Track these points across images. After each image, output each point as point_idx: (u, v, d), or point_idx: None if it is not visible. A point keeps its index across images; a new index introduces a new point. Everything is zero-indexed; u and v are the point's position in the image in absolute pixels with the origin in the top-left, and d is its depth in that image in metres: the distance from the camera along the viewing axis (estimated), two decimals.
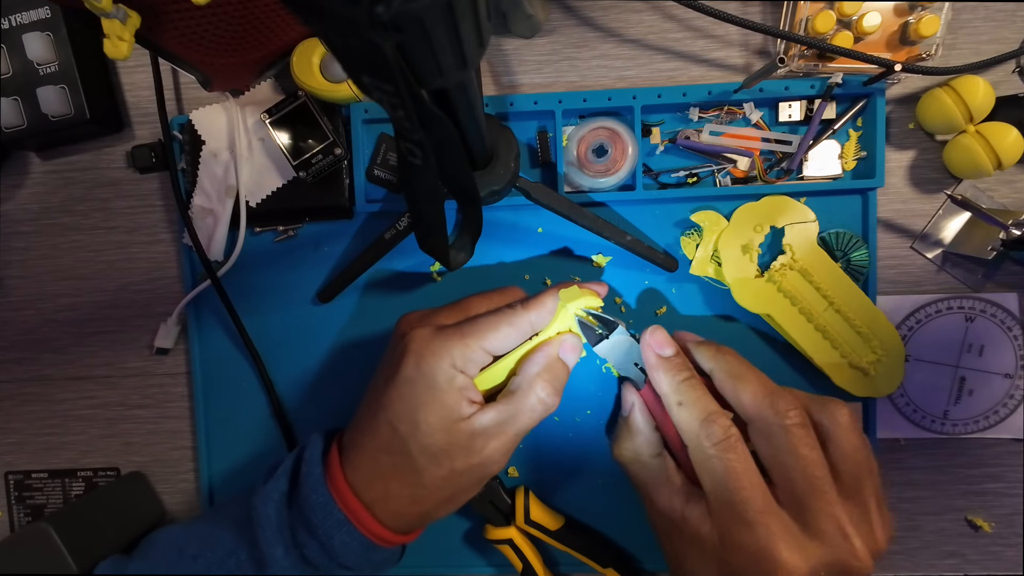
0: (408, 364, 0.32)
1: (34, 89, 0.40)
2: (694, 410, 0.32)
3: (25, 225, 0.46)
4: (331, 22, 0.17)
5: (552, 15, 0.42)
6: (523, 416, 0.33)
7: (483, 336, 0.32)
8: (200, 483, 0.45)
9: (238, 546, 0.33)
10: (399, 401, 0.32)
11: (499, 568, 0.44)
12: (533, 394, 0.33)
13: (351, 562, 0.33)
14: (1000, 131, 0.38)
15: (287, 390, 0.45)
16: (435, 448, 0.32)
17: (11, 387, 0.47)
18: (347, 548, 0.32)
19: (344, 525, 0.32)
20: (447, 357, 0.32)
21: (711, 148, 0.41)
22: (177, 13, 0.33)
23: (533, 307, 0.34)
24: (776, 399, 0.31)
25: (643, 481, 0.35)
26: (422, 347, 0.32)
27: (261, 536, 0.32)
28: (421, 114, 0.23)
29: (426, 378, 0.32)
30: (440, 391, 0.32)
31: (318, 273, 0.44)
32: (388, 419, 0.32)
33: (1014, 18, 0.41)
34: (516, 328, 0.33)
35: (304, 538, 0.32)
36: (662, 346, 0.35)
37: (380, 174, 0.42)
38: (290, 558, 0.32)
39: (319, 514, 0.32)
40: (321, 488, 0.32)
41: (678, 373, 0.34)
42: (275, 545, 0.32)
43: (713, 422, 0.31)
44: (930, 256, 0.43)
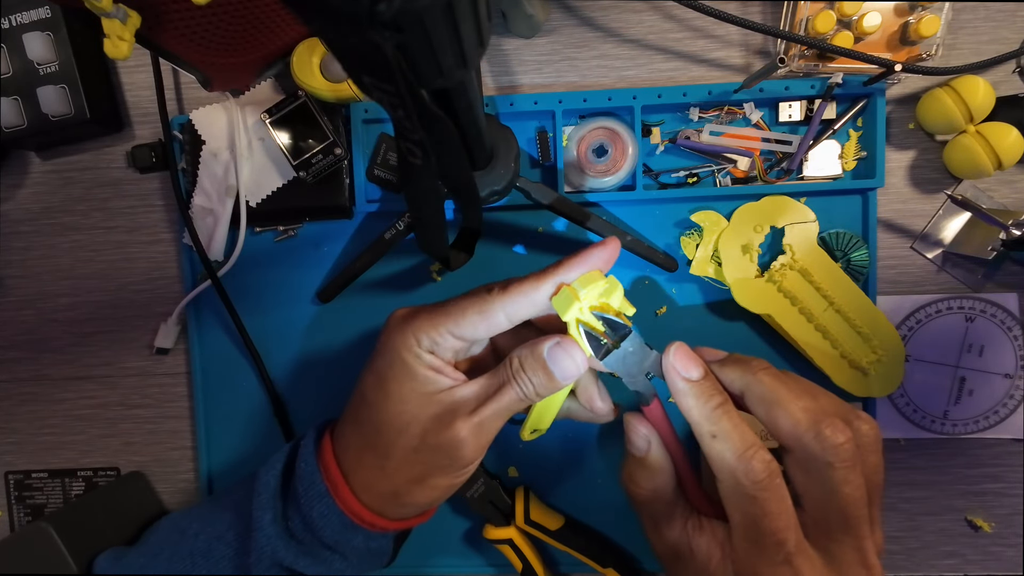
0: (380, 340, 0.33)
1: (34, 89, 0.40)
2: (730, 443, 0.29)
3: (25, 225, 0.46)
4: (331, 22, 0.17)
5: (552, 15, 0.42)
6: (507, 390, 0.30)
7: (447, 318, 0.30)
8: (200, 483, 0.45)
9: (238, 519, 0.34)
10: (370, 373, 0.33)
11: (499, 568, 0.44)
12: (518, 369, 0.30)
13: (329, 538, 0.32)
14: (1000, 131, 0.38)
15: (287, 390, 0.45)
16: (405, 417, 0.31)
17: (11, 387, 0.47)
18: (325, 521, 0.32)
19: (324, 497, 0.32)
20: (411, 336, 0.31)
21: (711, 148, 0.41)
22: (177, 13, 0.33)
23: (510, 293, 0.30)
24: (820, 430, 0.28)
25: (654, 515, 0.32)
26: (392, 324, 0.33)
27: (255, 501, 0.33)
28: (421, 114, 0.23)
29: (394, 351, 0.31)
30: (408, 365, 0.31)
31: (318, 273, 0.44)
32: (361, 390, 0.33)
33: (1014, 18, 0.41)
34: (485, 316, 0.30)
35: (291, 510, 0.33)
36: (688, 367, 0.30)
37: (380, 174, 0.42)
38: (276, 527, 0.33)
39: (305, 483, 0.33)
40: (311, 459, 0.33)
41: (709, 400, 0.30)
42: (265, 510, 0.33)
43: (752, 458, 0.28)
44: (930, 256, 0.43)
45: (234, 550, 0.34)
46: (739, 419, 0.30)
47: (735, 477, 0.28)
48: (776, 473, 0.28)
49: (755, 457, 0.28)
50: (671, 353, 0.31)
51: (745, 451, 0.28)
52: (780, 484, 0.28)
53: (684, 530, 0.31)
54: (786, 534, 0.28)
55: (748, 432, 0.29)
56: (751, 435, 0.29)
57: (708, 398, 0.30)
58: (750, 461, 0.28)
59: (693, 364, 0.30)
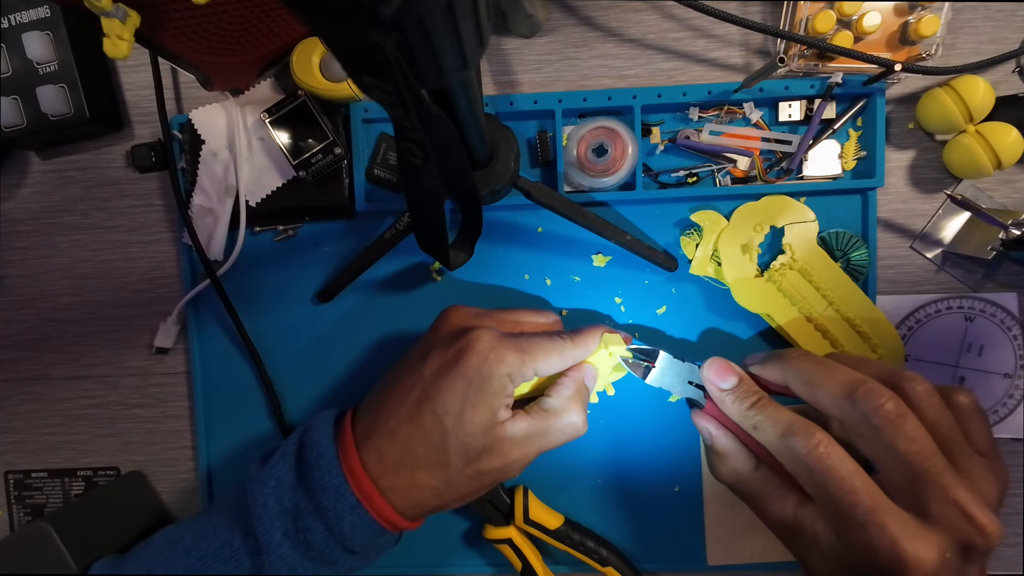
0: (471, 362, 0.32)
1: (34, 88, 0.40)
2: (771, 428, 0.31)
3: (25, 224, 0.46)
4: (332, 21, 0.17)
5: (552, 15, 0.42)
6: (553, 433, 0.34)
7: (537, 358, 0.34)
8: (200, 482, 0.45)
9: (232, 536, 0.33)
10: (451, 394, 0.32)
11: (499, 568, 0.44)
12: (567, 417, 0.35)
13: (357, 546, 0.33)
14: (1000, 131, 0.38)
15: (286, 390, 0.45)
16: (472, 447, 0.32)
17: (11, 386, 0.47)
18: (356, 532, 0.32)
19: (356, 508, 0.32)
20: (506, 366, 0.33)
21: (711, 148, 0.41)
22: (177, 12, 0.33)
23: (580, 343, 0.35)
24: (857, 396, 0.29)
25: (750, 495, 0.34)
26: (488, 350, 0.33)
27: (257, 524, 0.32)
28: (421, 114, 0.23)
29: (484, 380, 0.32)
30: (492, 395, 0.32)
31: (318, 273, 0.44)
32: (435, 410, 0.32)
33: (1014, 18, 0.41)
34: (564, 359, 0.35)
35: (310, 521, 0.32)
36: (722, 377, 0.34)
37: (380, 174, 0.42)
38: (289, 543, 0.32)
39: (331, 496, 0.32)
40: (335, 470, 0.32)
41: (743, 401, 0.33)
42: (272, 532, 0.32)
43: (793, 434, 0.30)
44: (930, 256, 0.43)
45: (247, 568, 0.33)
46: (775, 408, 0.32)
47: (786, 456, 0.31)
48: (824, 441, 0.29)
49: (795, 433, 0.30)
50: (706, 367, 0.34)
51: (784, 430, 0.31)
52: (833, 448, 0.29)
53: (785, 505, 0.32)
54: (856, 494, 0.28)
55: (784, 414, 0.31)
56: (788, 416, 0.31)
57: (743, 399, 0.33)
58: (792, 437, 0.30)
59: (728, 373, 0.34)
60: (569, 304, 0.43)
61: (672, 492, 0.43)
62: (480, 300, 0.43)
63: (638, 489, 0.43)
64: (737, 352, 0.43)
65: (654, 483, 0.43)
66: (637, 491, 0.43)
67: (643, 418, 0.43)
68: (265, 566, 0.32)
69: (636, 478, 0.43)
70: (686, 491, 0.43)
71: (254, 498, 0.33)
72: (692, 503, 0.43)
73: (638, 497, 0.43)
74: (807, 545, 0.31)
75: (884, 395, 0.29)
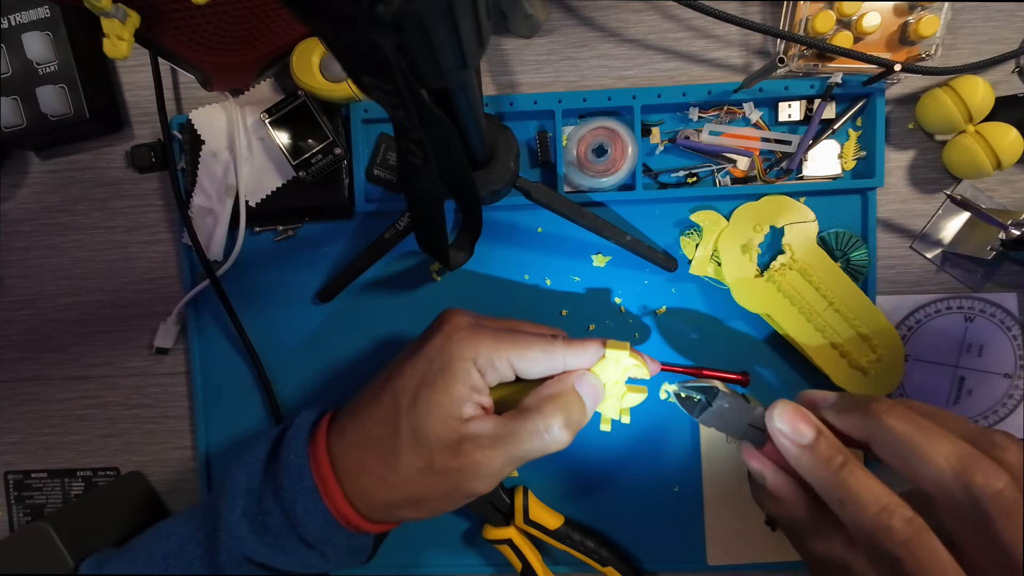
0: (435, 343, 0.31)
1: (33, 89, 0.40)
2: (862, 507, 0.26)
3: (25, 225, 0.46)
4: (331, 21, 0.17)
5: (552, 15, 0.42)
6: (522, 439, 0.30)
7: (514, 347, 0.31)
8: (199, 483, 0.45)
9: (204, 517, 0.33)
10: (411, 374, 0.31)
11: (498, 568, 0.44)
12: (539, 419, 0.30)
13: (311, 536, 0.31)
14: (1000, 131, 0.38)
15: (286, 390, 0.45)
16: (423, 433, 0.30)
17: (11, 387, 0.47)
18: (309, 519, 0.31)
19: (311, 493, 0.31)
20: (472, 350, 0.31)
21: (711, 148, 0.41)
22: (177, 12, 0.33)
23: (573, 347, 0.32)
24: (970, 480, 0.25)
25: (796, 531, 0.30)
26: (453, 331, 0.31)
27: (223, 498, 0.32)
28: (421, 114, 0.23)
29: (445, 361, 0.31)
30: (452, 379, 0.30)
31: (318, 273, 0.44)
32: (393, 388, 0.31)
33: (1014, 18, 0.41)
34: (549, 356, 0.31)
35: (269, 503, 0.32)
36: (798, 430, 0.28)
37: (380, 174, 0.42)
38: (246, 523, 0.31)
39: (291, 477, 0.31)
40: (301, 452, 0.32)
41: (828, 463, 0.27)
42: (232, 508, 0.31)
43: (891, 517, 0.25)
44: (929, 256, 0.43)
45: (204, 549, 0.33)
46: (867, 478, 0.27)
47: (874, 540, 0.26)
48: (922, 529, 0.25)
49: (894, 516, 0.25)
50: (776, 415, 0.29)
51: (879, 513, 0.26)
52: (929, 540, 0.25)
53: (831, 544, 0.28)
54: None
55: (880, 491, 0.26)
56: (884, 494, 0.26)
57: (827, 462, 0.27)
58: (888, 522, 0.25)
59: (803, 424, 0.28)
60: (569, 304, 0.43)
61: (672, 492, 0.43)
62: (480, 300, 0.43)
63: (638, 489, 0.43)
64: (738, 354, 0.43)
65: (654, 483, 0.43)
66: (637, 491, 0.43)
67: (643, 418, 0.43)
68: (219, 542, 0.32)
69: (636, 478, 0.43)
70: (686, 491, 0.43)
71: (230, 474, 0.33)
72: (692, 503, 0.43)
73: (638, 497, 0.43)
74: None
75: (1001, 479, 0.24)
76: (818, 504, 0.29)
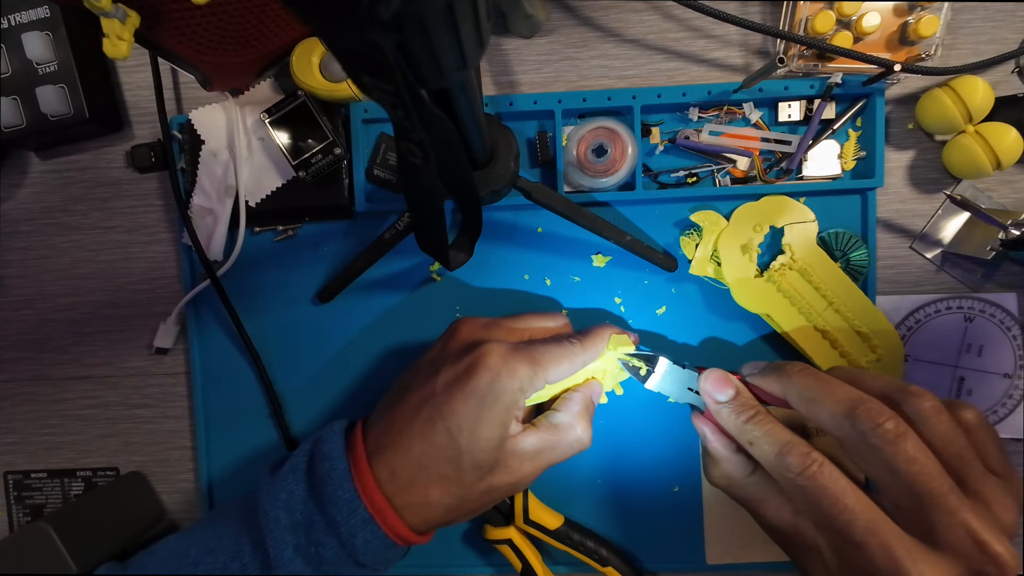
0: (483, 378, 0.32)
1: (33, 89, 0.40)
2: (766, 446, 0.30)
3: (24, 225, 0.46)
4: (331, 21, 0.17)
5: (552, 15, 0.42)
6: (561, 448, 0.35)
7: (548, 367, 0.34)
8: (200, 483, 0.45)
9: (240, 549, 0.33)
10: (464, 412, 0.32)
11: (498, 568, 0.44)
12: (574, 432, 0.35)
13: (368, 559, 0.32)
14: (999, 131, 0.38)
15: (286, 390, 0.45)
16: (485, 464, 0.33)
17: (11, 387, 0.47)
18: (368, 547, 0.32)
19: (368, 524, 0.31)
20: (518, 380, 0.33)
21: (711, 148, 0.41)
22: (177, 12, 0.33)
23: (589, 346, 0.36)
24: (856, 415, 0.28)
25: (744, 500, 0.34)
26: (499, 365, 0.33)
27: (268, 538, 0.32)
28: (421, 114, 0.23)
29: (496, 396, 0.32)
30: (504, 410, 0.32)
31: (318, 273, 0.44)
32: (448, 427, 0.32)
33: (1013, 18, 0.41)
34: (574, 365, 0.35)
35: (322, 536, 0.32)
36: (719, 389, 0.33)
37: (380, 174, 0.42)
38: (300, 558, 0.32)
39: (344, 511, 0.32)
40: (347, 485, 0.32)
41: (740, 415, 0.32)
42: (283, 547, 0.32)
43: (787, 452, 0.29)
44: (929, 256, 0.43)
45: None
46: (772, 424, 0.31)
47: (780, 475, 0.30)
48: (820, 460, 0.29)
49: (791, 452, 0.29)
50: (703, 378, 0.34)
51: (780, 449, 0.30)
52: (828, 468, 0.29)
53: (782, 512, 0.32)
54: (852, 513, 0.27)
55: (781, 432, 0.31)
56: (784, 434, 0.30)
57: (740, 413, 0.32)
58: (786, 456, 0.29)
59: (725, 386, 0.33)
60: (569, 304, 0.43)
61: (672, 492, 0.43)
62: (480, 300, 0.43)
63: (638, 489, 0.43)
64: (737, 354, 0.43)
65: (654, 483, 0.43)
66: (637, 491, 0.43)
67: (643, 418, 0.43)
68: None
69: (636, 478, 0.43)
70: (686, 491, 0.43)
71: (265, 511, 0.32)
72: (692, 503, 0.43)
73: (638, 497, 0.43)
74: (807, 554, 0.31)
75: (884, 414, 0.28)
76: (761, 473, 0.32)
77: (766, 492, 0.33)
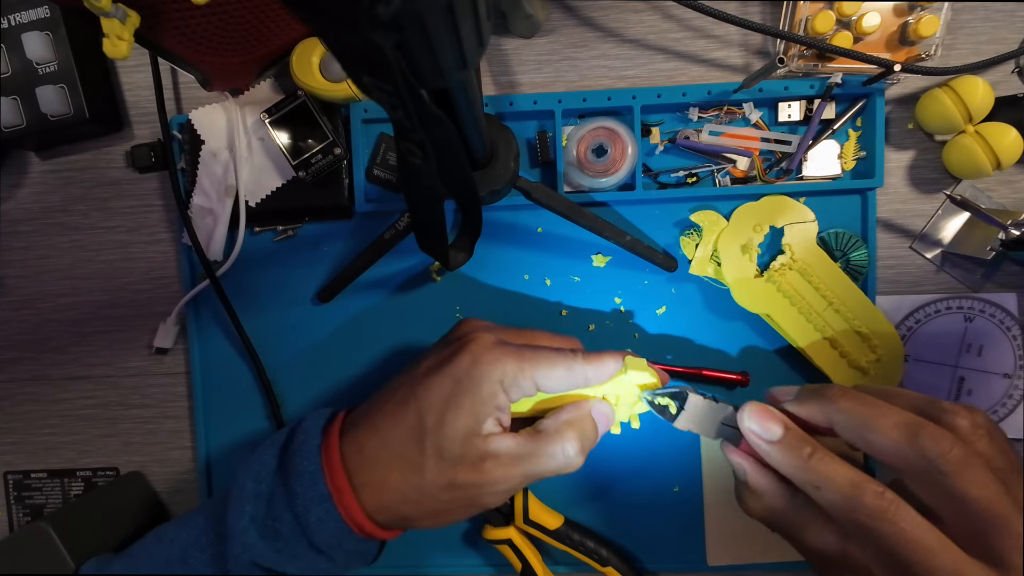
0: (462, 362, 0.31)
1: (33, 88, 0.40)
2: (835, 489, 0.28)
3: (24, 225, 0.46)
4: (331, 21, 0.17)
5: (552, 15, 0.42)
6: (540, 459, 0.32)
7: (539, 366, 0.32)
8: (199, 483, 0.45)
9: (208, 523, 0.33)
10: (436, 393, 0.31)
11: (498, 568, 0.44)
12: (557, 442, 0.32)
13: (322, 543, 0.31)
14: (999, 131, 0.38)
15: (286, 390, 0.45)
16: (448, 453, 0.31)
17: (10, 387, 0.47)
18: (322, 526, 0.31)
19: (324, 501, 0.31)
20: (499, 371, 0.31)
21: (711, 148, 0.41)
22: (177, 12, 0.33)
23: (593, 362, 0.33)
24: (921, 442, 0.26)
25: (785, 528, 0.31)
26: (481, 351, 0.32)
27: (230, 505, 0.32)
28: (421, 114, 0.23)
29: (473, 382, 0.31)
30: (479, 400, 0.31)
31: (317, 273, 0.44)
32: (418, 407, 0.31)
33: (1013, 18, 0.41)
34: (571, 374, 0.32)
35: (280, 509, 0.31)
36: (767, 428, 0.30)
37: (380, 174, 0.42)
38: (255, 529, 0.31)
39: (304, 483, 0.31)
40: (314, 457, 0.31)
41: (799, 454, 0.29)
42: (240, 515, 0.31)
43: (862, 495, 0.27)
44: (929, 256, 0.43)
45: (209, 555, 0.32)
46: (835, 463, 0.28)
47: (851, 519, 0.27)
48: (894, 500, 0.27)
49: (864, 492, 0.27)
50: (746, 416, 0.31)
51: (851, 491, 0.27)
52: (904, 509, 0.27)
53: (826, 537, 0.29)
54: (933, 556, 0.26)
55: (848, 472, 0.28)
56: (852, 473, 0.28)
57: (797, 453, 0.29)
58: (860, 498, 0.27)
59: (771, 422, 0.30)
60: (569, 304, 0.43)
61: (672, 492, 0.43)
62: (480, 300, 0.43)
63: (638, 489, 0.43)
64: (738, 354, 0.43)
65: (654, 483, 0.43)
66: (637, 491, 0.43)
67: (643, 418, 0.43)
68: (228, 550, 0.32)
69: (636, 478, 0.43)
70: (686, 491, 0.43)
71: (235, 480, 0.32)
72: (692, 503, 0.43)
73: (638, 497, 0.43)
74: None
75: (947, 439, 0.26)
76: (803, 499, 0.30)
77: (808, 517, 0.30)
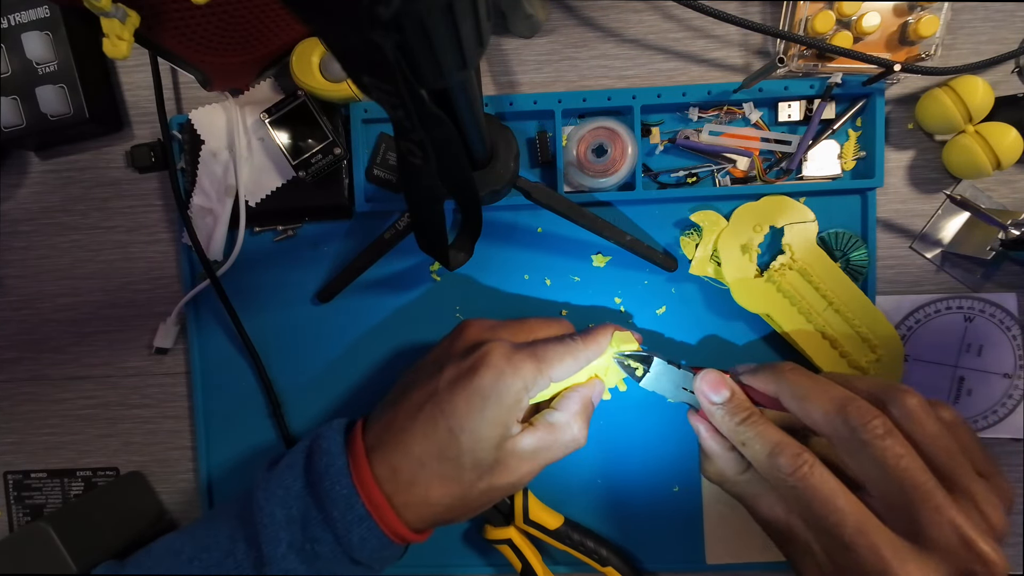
0: (486, 377, 0.32)
1: (33, 88, 0.40)
2: (758, 446, 0.31)
3: (24, 225, 0.46)
4: (331, 21, 0.17)
5: (552, 15, 0.42)
6: (557, 448, 0.34)
7: (552, 365, 0.34)
8: (199, 483, 0.45)
9: (234, 546, 0.33)
10: (467, 411, 0.32)
11: (498, 568, 0.44)
12: (570, 431, 0.35)
13: (363, 556, 0.32)
14: (999, 131, 0.38)
15: (286, 390, 0.45)
16: (485, 463, 0.33)
17: (10, 387, 0.47)
18: (364, 544, 0.32)
19: (365, 520, 0.31)
20: (522, 379, 0.33)
21: (711, 148, 0.41)
22: (177, 12, 0.33)
23: (592, 344, 0.35)
24: (847, 412, 0.29)
25: (739, 495, 0.34)
26: (503, 364, 0.33)
27: (262, 534, 0.32)
28: (421, 114, 0.23)
29: (500, 395, 0.32)
30: (507, 409, 0.32)
31: (317, 273, 0.44)
32: (450, 426, 0.32)
33: (1013, 18, 0.41)
34: (577, 362, 0.35)
35: (318, 531, 0.32)
36: (714, 390, 0.34)
37: (380, 174, 0.42)
38: (295, 555, 0.31)
39: (340, 507, 0.31)
40: (345, 480, 0.32)
41: (734, 416, 0.33)
42: (277, 544, 0.31)
43: (779, 453, 0.30)
44: (929, 256, 0.43)
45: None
46: (764, 425, 0.32)
47: (772, 475, 0.30)
48: (811, 462, 0.29)
49: (782, 453, 0.30)
50: (699, 378, 0.34)
51: (771, 449, 0.30)
52: (818, 468, 0.29)
53: (776, 509, 0.32)
54: (841, 513, 0.28)
55: (773, 433, 0.31)
56: (776, 435, 0.31)
57: (734, 414, 0.33)
58: (777, 457, 0.30)
59: (720, 387, 0.34)
60: (569, 304, 0.43)
61: (672, 492, 0.43)
62: (480, 300, 0.43)
63: (638, 489, 0.43)
64: (737, 354, 0.43)
65: (654, 483, 0.43)
66: (637, 491, 0.43)
67: (643, 418, 0.43)
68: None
69: (636, 478, 0.43)
70: (686, 491, 0.43)
71: (260, 507, 0.32)
72: (692, 503, 0.43)
73: (638, 497, 0.43)
74: (800, 551, 0.31)
75: (872, 412, 0.29)
76: (754, 471, 0.33)
77: (759, 489, 0.33)
